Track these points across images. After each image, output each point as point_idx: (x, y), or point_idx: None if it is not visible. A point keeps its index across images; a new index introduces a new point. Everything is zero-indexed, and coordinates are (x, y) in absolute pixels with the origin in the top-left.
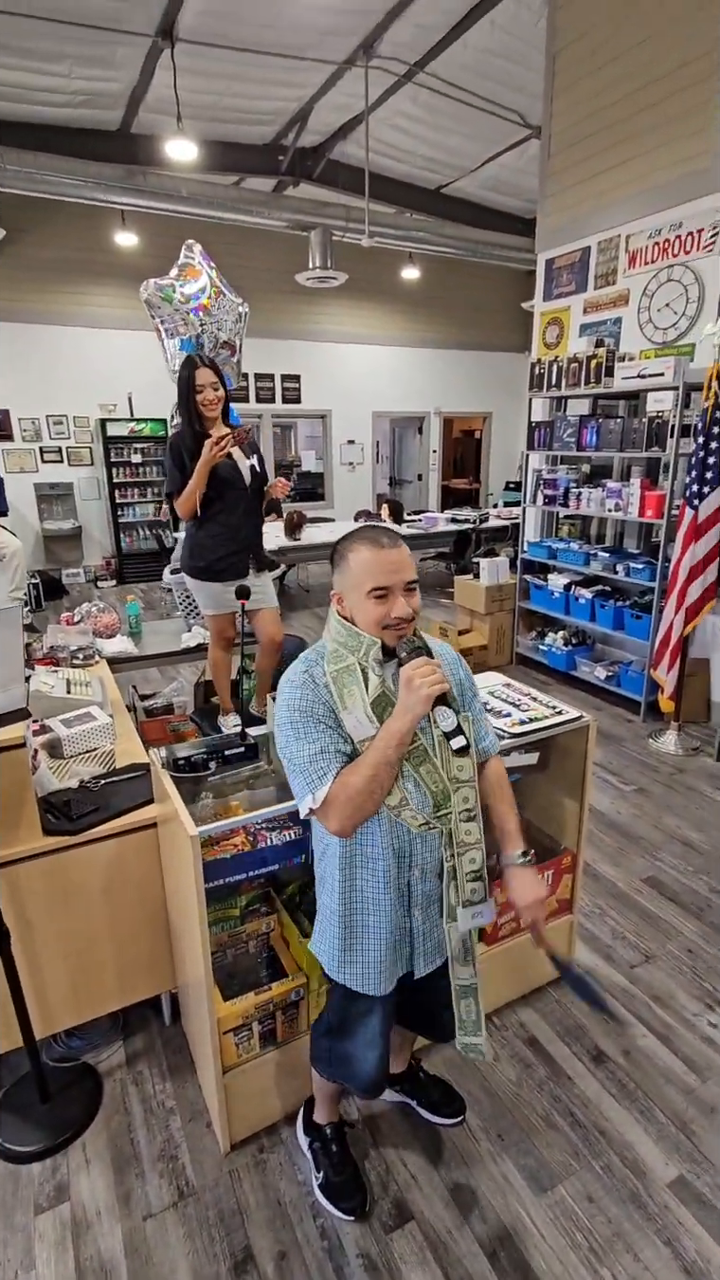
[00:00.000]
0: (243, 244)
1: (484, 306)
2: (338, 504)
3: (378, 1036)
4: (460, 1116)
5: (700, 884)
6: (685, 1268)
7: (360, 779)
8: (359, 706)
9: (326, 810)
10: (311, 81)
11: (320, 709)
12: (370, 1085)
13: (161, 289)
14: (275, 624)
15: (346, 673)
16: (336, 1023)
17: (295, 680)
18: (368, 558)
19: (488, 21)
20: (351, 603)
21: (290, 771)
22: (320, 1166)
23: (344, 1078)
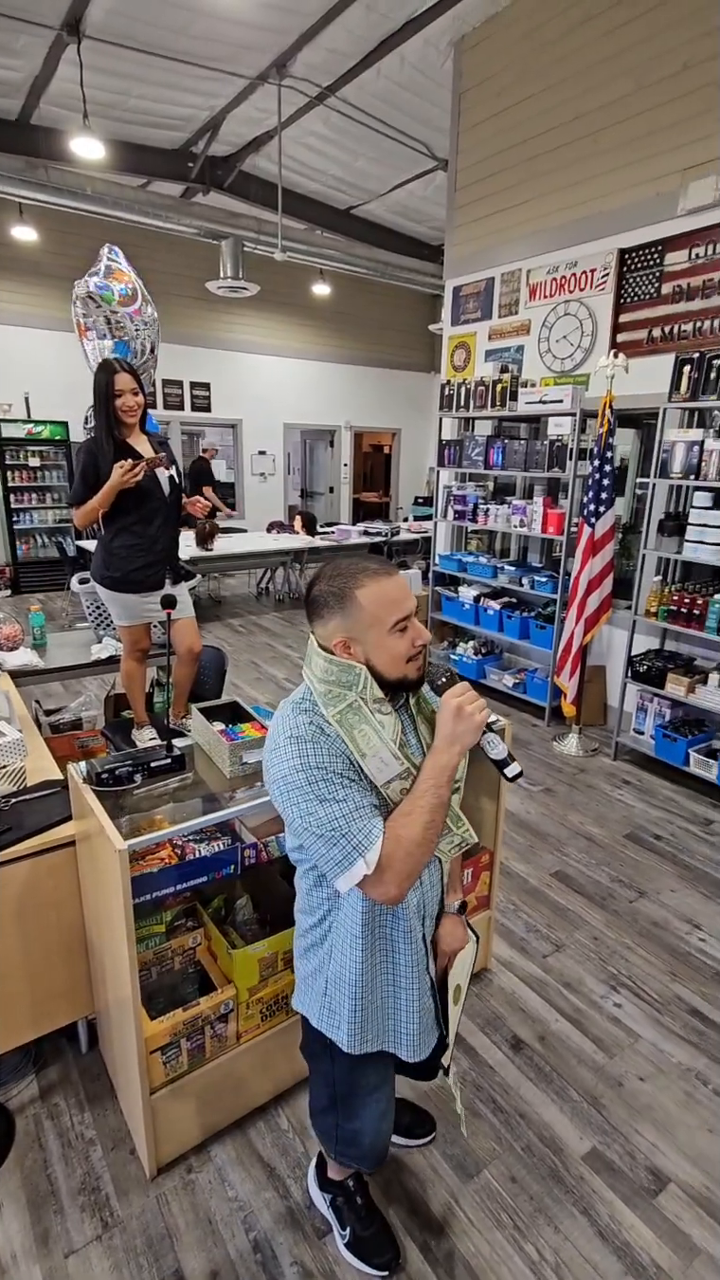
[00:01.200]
0: (151, 248)
1: (393, 326)
2: (249, 514)
3: (390, 1104)
4: (433, 1134)
5: (603, 875)
6: (600, 1232)
7: (417, 829)
8: (381, 745)
9: (384, 874)
10: (224, 92)
11: (339, 762)
12: (381, 1159)
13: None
14: (193, 634)
15: (351, 712)
16: (344, 1095)
17: (302, 735)
18: (385, 589)
19: (397, 56)
20: (369, 644)
21: (321, 841)
22: (346, 1223)
23: (353, 1159)
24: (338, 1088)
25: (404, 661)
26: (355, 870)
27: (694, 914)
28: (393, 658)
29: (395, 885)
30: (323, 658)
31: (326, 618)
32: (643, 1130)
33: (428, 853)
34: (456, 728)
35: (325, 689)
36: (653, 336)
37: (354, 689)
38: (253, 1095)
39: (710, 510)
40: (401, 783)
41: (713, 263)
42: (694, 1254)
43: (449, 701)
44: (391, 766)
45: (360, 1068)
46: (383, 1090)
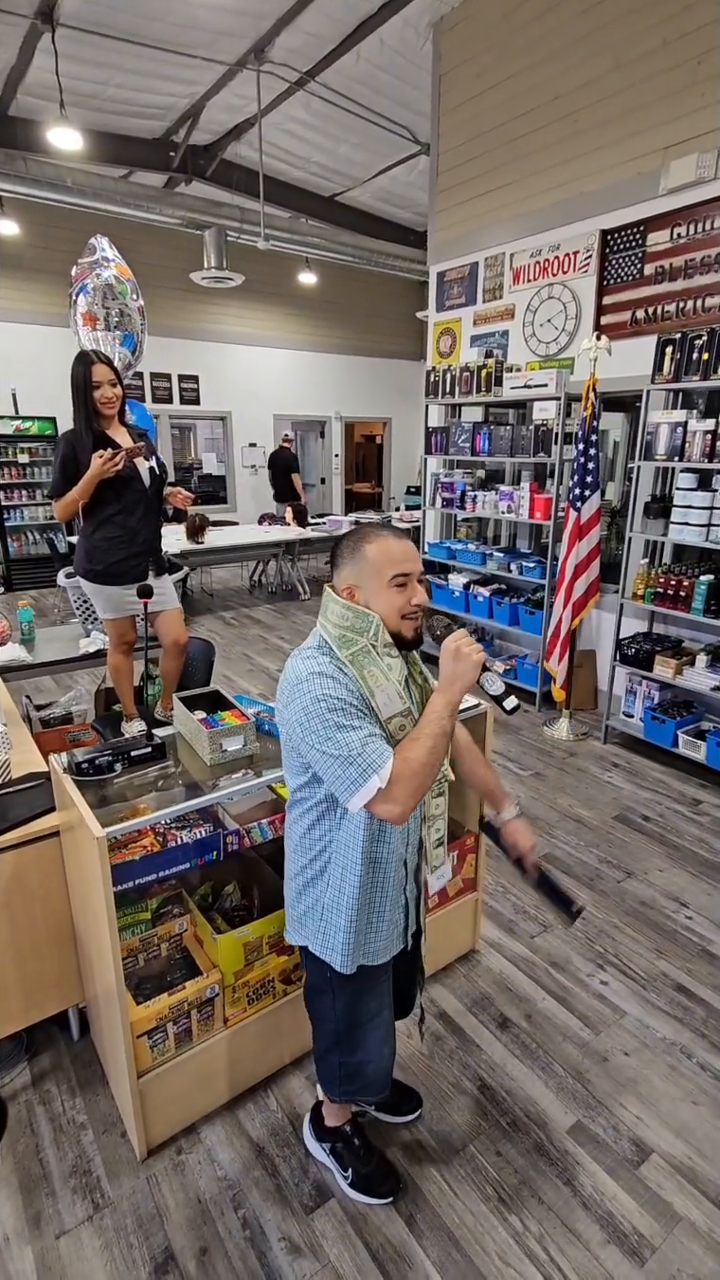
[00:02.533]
0: (134, 239)
1: (381, 314)
2: (240, 507)
3: (390, 1028)
4: (419, 1110)
5: (591, 856)
6: (583, 1202)
7: (422, 751)
8: (388, 684)
9: (393, 789)
10: (202, 80)
11: (354, 697)
12: (384, 1086)
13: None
14: (179, 625)
15: (363, 654)
16: (346, 1028)
17: (324, 671)
18: (390, 546)
19: (376, 39)
20: (370, 592)
21: (338, 762)
22: (346, 1164)
23: (359, 1090)
24: (340, 1023)
25: (399, 617)
26: (369, 786)
27: (681, 892)
28: (389, 609)
29: (402, 802)
30: (340, 604)
31: (341, 566)
32: (627, 1103)
33: (431, 775)
34: (457, 667)
35: (339, 633)
36: (636, 318)
37: (365, 635)
38: (242, 1077)
39: (694, 491)
40: (402, 719)
41: (694, 242)
42: (674, 1221)
43: (449, 645)
44: (395, 703)
45: (360, 995)
46: (382, 1016)
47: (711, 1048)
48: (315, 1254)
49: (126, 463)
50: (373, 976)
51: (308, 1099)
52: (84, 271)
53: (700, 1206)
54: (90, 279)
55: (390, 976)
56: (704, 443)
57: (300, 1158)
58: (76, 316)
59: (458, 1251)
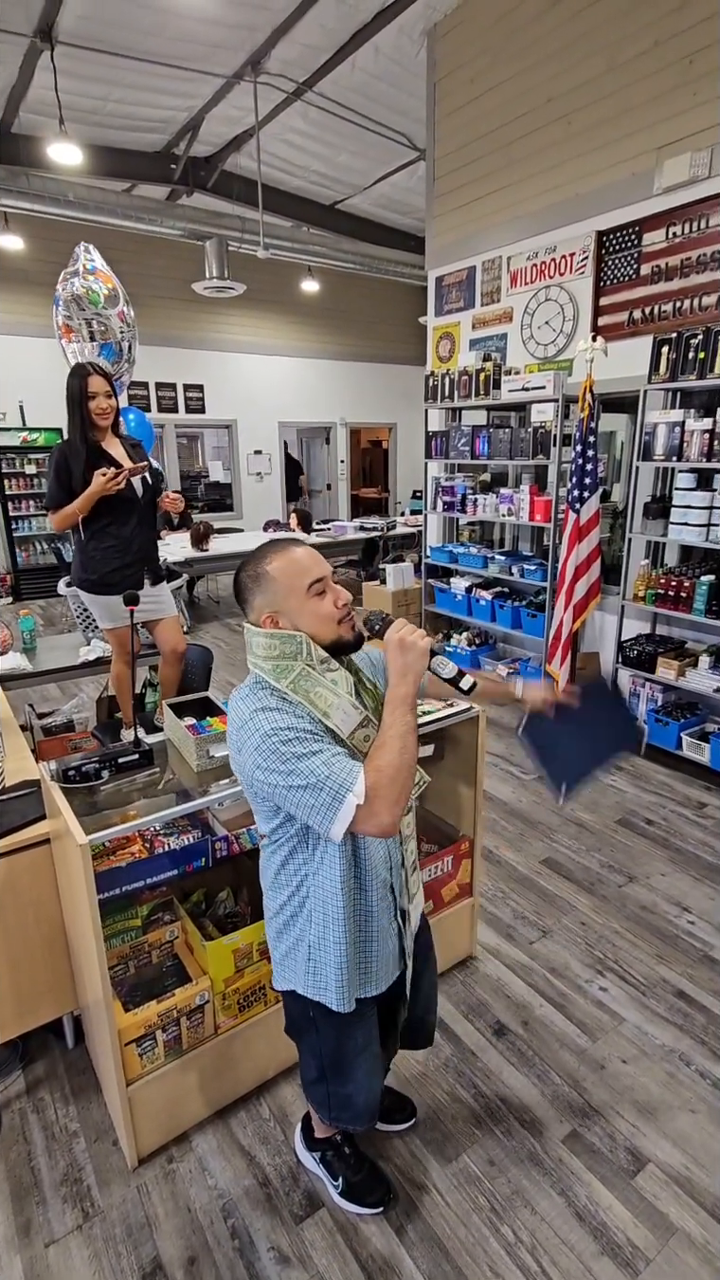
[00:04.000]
0: (137, 251)
1: (383, 320)
2: (247, 514)
3: (378, 1061)
4: (414, 1119)
5: (592, 861)
6: (577, 1213)
7: (393, 754)
8: (339, 699)
9: (374, 803)
10: (200, 93)
11: (306, 722)
12: (373, 1114)
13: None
14: (176, 633)
15: (302, 678)
16: (331, 1063)
17: (267, 705)
18: (293, 557)
19: (371, 47)
20: (292, 611)
21: (307, 792)
22: (337, 1173)
23: (348, 1120)
24: (325, 1058)
25: (334, 623)
26: (347, 806)
27: (683, 897)
28: (319, 619)
29: (387, 812)
30: (262, 634)
31: (250, 599)
32: (623, 1112)
33: (408, 776)
34: (406, 658)
35: (272, 665)
36: (633, 318)
37: (299, 657)
38: (234, 1085)
39: (693, 491)
40: (364, 730)
41: (689, 241)
42: (670, 1232)
43: (392, 638)
44: (352, 716)
45: (346, 1031)
46: (369, 1049)
47: (711, 1055)
48: (304, 1264)
49: (125, 480)
50: (358, 1013)
51: (299, 1106)
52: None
53: (696, 1217)
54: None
55: (375, 1010)
56: (702, 442)
57: (291, 1166)
58: (57, 328)
59: (448, 1263)
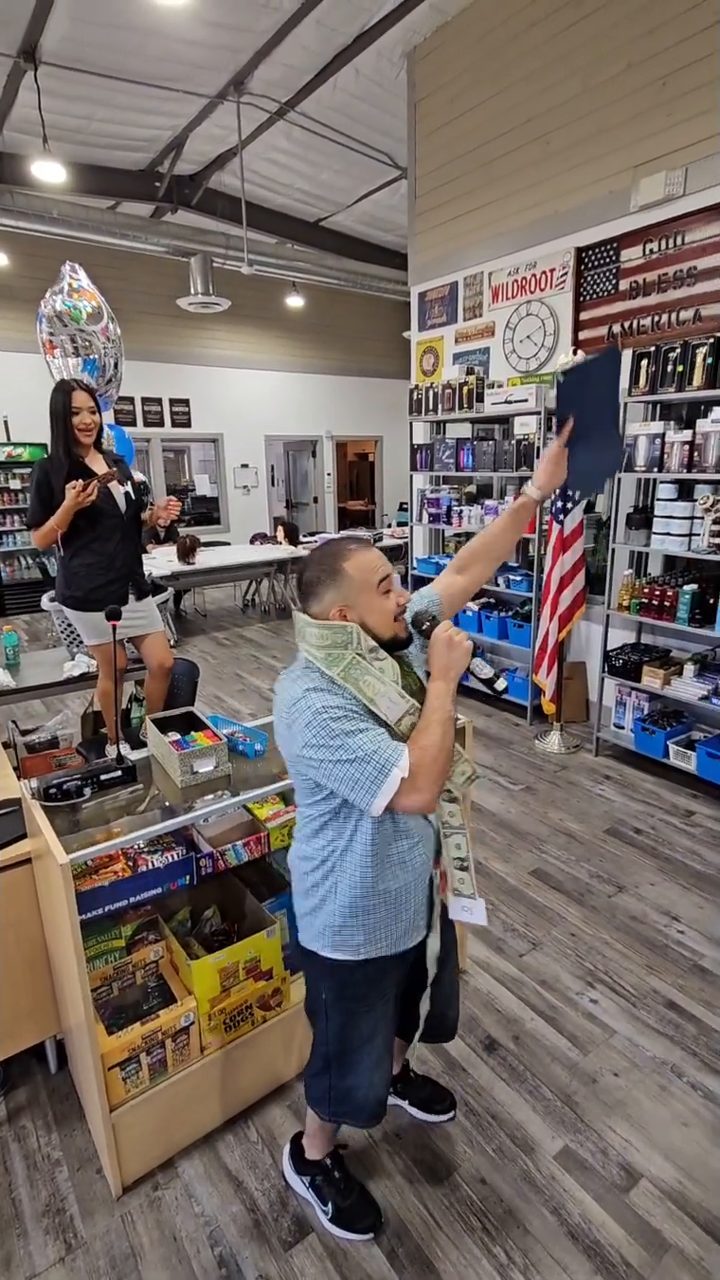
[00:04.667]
0: (123, 267)
1: (369, 334)
2: (234, 527)
3: (383, 1056)
4: (453, 1111)
5: (582, 871)
6: (570, 1231)
7: (436, 735)
8: (386, 688)
9: (417, 778)
10: (184, 112)
11: (355, 705)
12: (376, 1113)
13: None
14: (163, 648)
15: (353, 667)
16: (336, 1052)
17: (319, 686)
18: (365, 558)
19: (352, 69)
20: (363, 607)
21: (354, 766)
22: (326, 1199)
23: (349, 1113)
24: (330, 1045)
25: (393, 620)
26: (392, 779)
27: (672, 906)
28: (383, 616)
29: (428, 789)
30: (316, 626)
31: (321, 594)
32: (616, 1126)
33: (448, 758)
34: (451, 655)
35: (324, 654)
36: (612, 332)
37: (350, 646)
38: (221, 1108)
39: (675, 501)
40: (410, 718)
41: (666, 257)
42: (664, 1250)
43: (439, 636)
44: (399, 704)
45: (352, 1018)
46: (375, 1042)
47: (703, 1066)
48: None
49: (100, 489)
50: (366, 1000)
51: (289, 1128)
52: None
53: (690, 1233)
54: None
55: (391, 1002)
56: (682, 453)
57: (280, 1191)
58: (42, 345)
59: None
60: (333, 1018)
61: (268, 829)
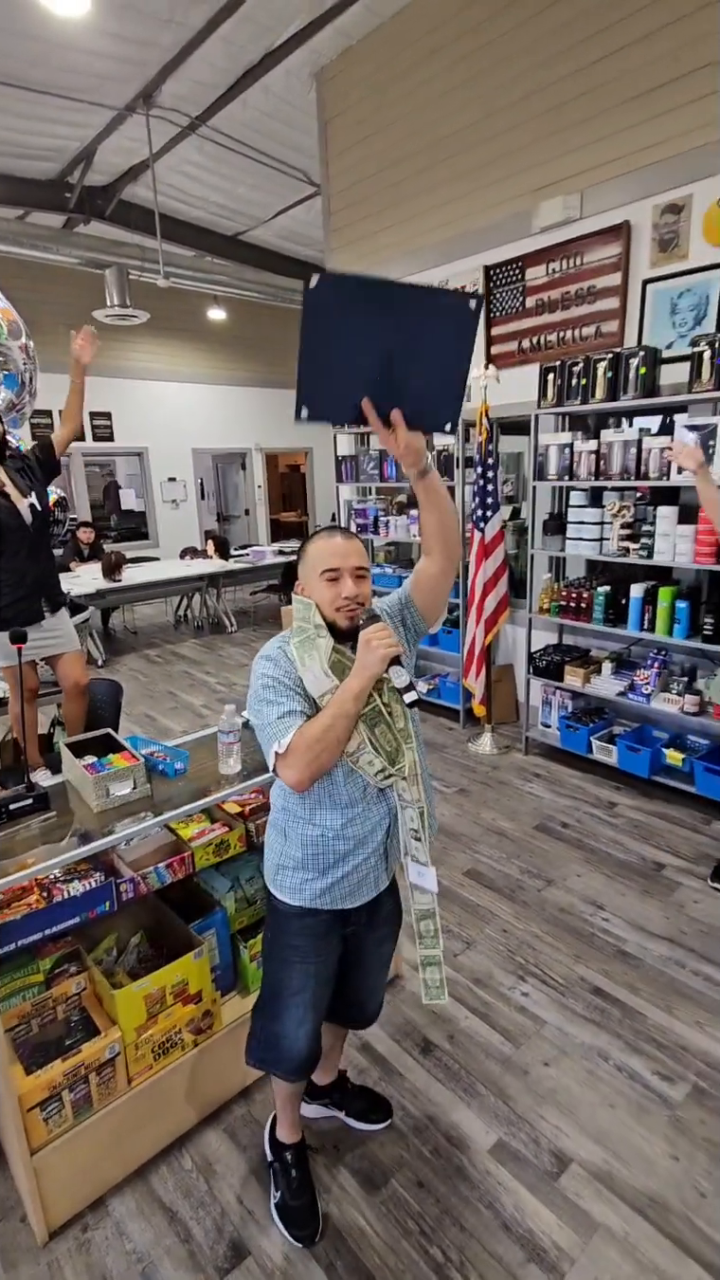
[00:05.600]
0: (34, 279)
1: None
2: (163, 542)
3: (309, 1013)
4: (389, 1119)
5: (513, 868)
6: (504, 1224)
7: (317, 728)
8: (316, 663)
9: (287, 759)
10: (92, 123)
11: (289, 678)
12: (298, 1066)
13: None
14: (78, 667)
15: (307, 640)
16: (269, 995)
17: (270, 655)
18: (322, 545)
19: (261, 87)
20: (310, 587)
21: (258, 730)
22: (278, 1186)
23: (273, 1061)
24: (266, 988)
25: (331, 608)
26: (270, 753)
27: (597, 895)
28: (322, 600)
29: (295, 771)
30: (298, 601)
31: (300, 566)
32: (546, 1115)
33: (327, 750)
34: (365, 656)
35: (297, 625)
36: (522, 347)
37: (310, 621)
38: (152, 1140)
39: (586, 508)
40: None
41: (567, 276)
42: (592, 1230)
43: (363, 635)
44: (322, 682)
45: (285, 967)
46: (302, 996)
47: (627, 1048)
48: None
49: None
50: (301, 950)
51: (224, 1152)
52: None
53: (617, 1211)
54: None
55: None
56: (590, 462)
57: (215, 1217)
58: None
59: None
60: (272, 957)
61: (192, 848)
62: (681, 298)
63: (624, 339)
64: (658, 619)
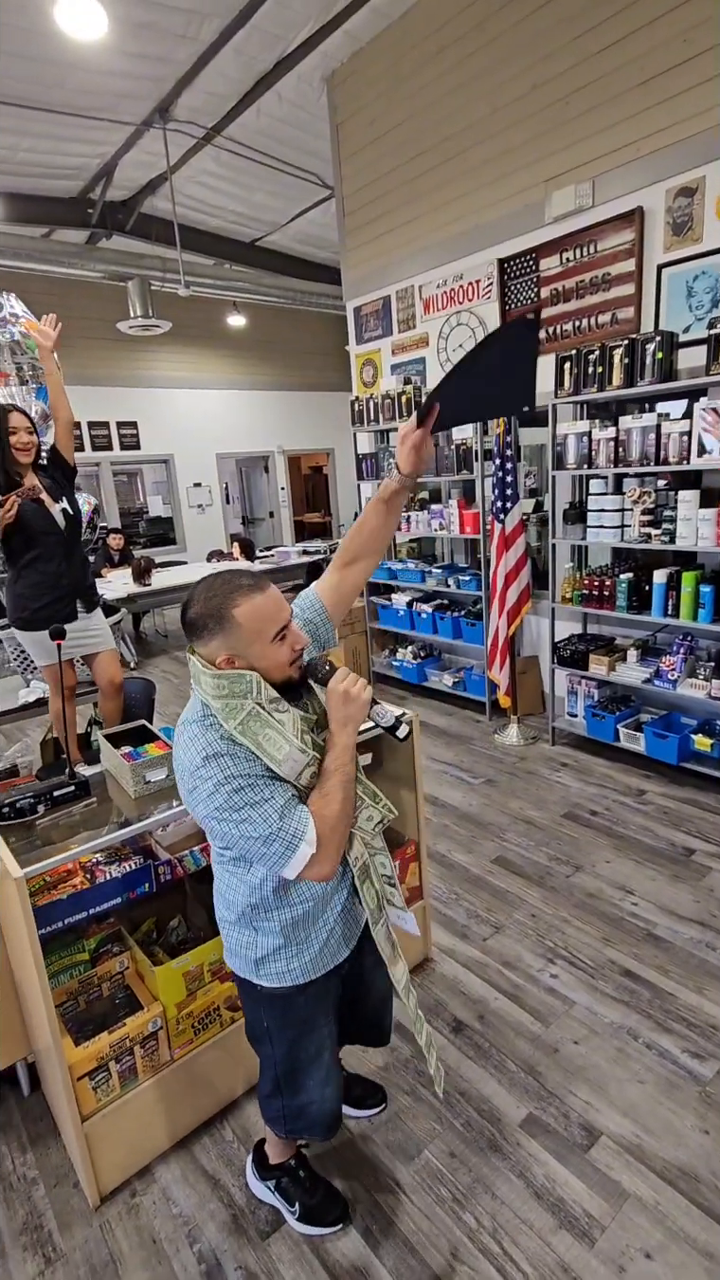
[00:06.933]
0: (60, 294)
1: (313, 349)
2: (190, 547)
3: (331, 1071)
4: (384, 1104)
5: (541, 855)
6: (535, 1192)
7: (336, 805)
8: (289, 743)
9: (320, 851)
10: (111, 140)
11: (256, 766)
12: (330, 1125)
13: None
14: (113, 666)
15: (251, 719)
16: (286, 1073)
17: (217, 751)
18: (262, 605)
19: (275, 94)
20: (253, 656)
21: (261, 842)
22: (293, 1199)
23: (304, 1130)
24: (279, 1069)
25: (287, 666)
26: (300, 854)
27: (626, 880)
28: (276, 665)
29: (329, 862)
30: (210, 674)
31: (206, 638)
32: (577, 1090)
33: (348, 826)
34: (347, 710)
35: (221, 704)
36: (538, 338)
37: (250, 696)
38: (195, 1111)
39: (606, 496)
40: (311, 770)
41: (581, 265)
42: (623, 1199)
43: (335, 689)
44: (299, 760)
45: (298, 1041)
46: (321, 1059)
47: (657, 1027)
48: (271, 1278)
49: (32, 508)
50: (310, 1022)
51: (263, 1126)
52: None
53: (647, 1181)
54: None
55: (333, 1018)
56: (609, 450)
57: None
58: None
59: (413, 1257)
60: (278, 1043)
61: None
62: (697, 280)
63: (640, 325)
64: (682, 604)
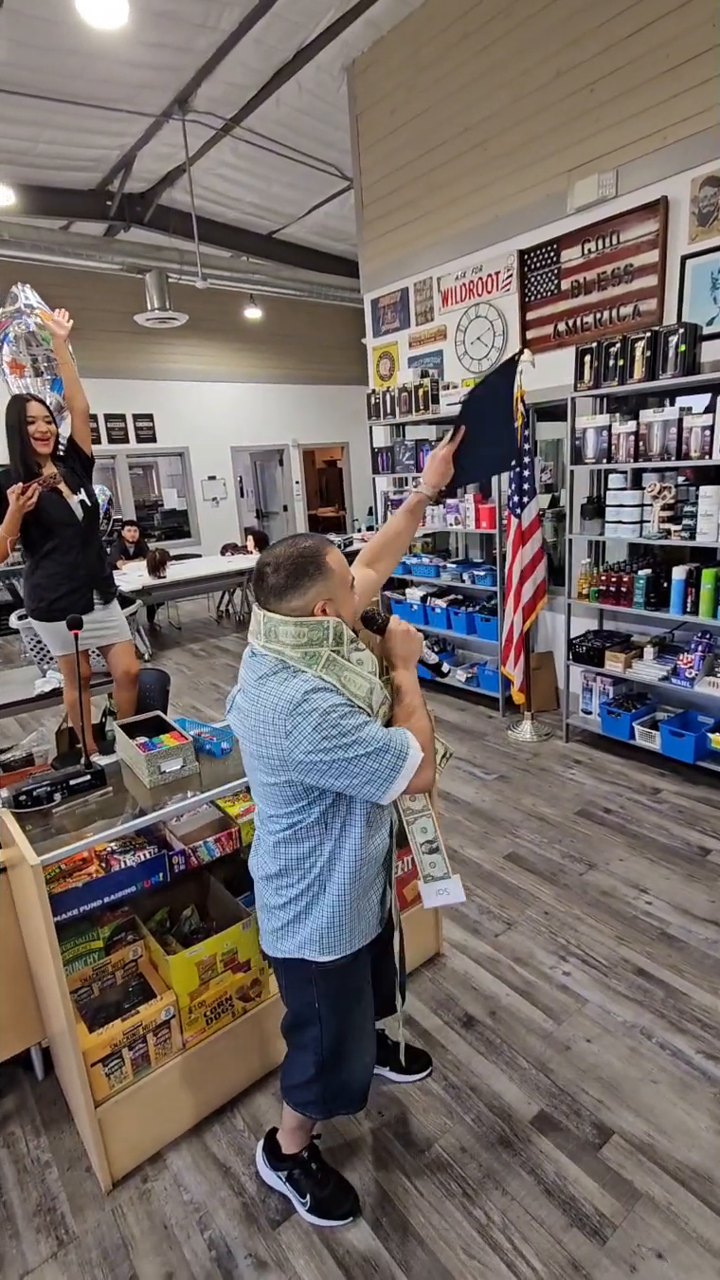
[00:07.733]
0: (77, 286)
1: (329, 343)
2: (204, 540)
3: (372, 1042)
4: (430, 1069)
5: (554, 852)
6: (546, 1189)
7: (423, 719)
8: (366, 680)
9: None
10: (130, 131)
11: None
12: (366, 1096)
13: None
14: (128, 656)
15: (331, 664)
16: (332, 1051)
17: (319, 686)
18: (339, 555)
19: (294, 84)
20: (340, 600)
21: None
22: (304, 1191)
23: (343, 1105)
24: (324, 1051)
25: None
26: (412, 761)
27: (640, 879)
28: (353, 610)
29: (430, 767)
30: (290, 623)
31: (307, 586)
32: (589, 1088)
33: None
34: (409, 646)
35: (300, 653)
36: (558, 331)
37: (325, 643)
38: (206, 1099)
39: (625, 491)
40: (385, 704)
41: (603, 256)
42: (635, 1199)
43: (395, 629)
44: (379, 693)
45: (348, 1017)
46: (365, 1028)
47: (670, 1027)
48: (281, 1267)
49: (50, 497)
50: (359, 991)
51: (274, 1115)
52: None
53: (659, 1181)
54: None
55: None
56: (628, 444)
57: None
58: (3, 365)
59: (423, 1250)
60: (329, 1021)
61: (239, 824)
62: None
63: (663, 317)
64: (701, 601)
